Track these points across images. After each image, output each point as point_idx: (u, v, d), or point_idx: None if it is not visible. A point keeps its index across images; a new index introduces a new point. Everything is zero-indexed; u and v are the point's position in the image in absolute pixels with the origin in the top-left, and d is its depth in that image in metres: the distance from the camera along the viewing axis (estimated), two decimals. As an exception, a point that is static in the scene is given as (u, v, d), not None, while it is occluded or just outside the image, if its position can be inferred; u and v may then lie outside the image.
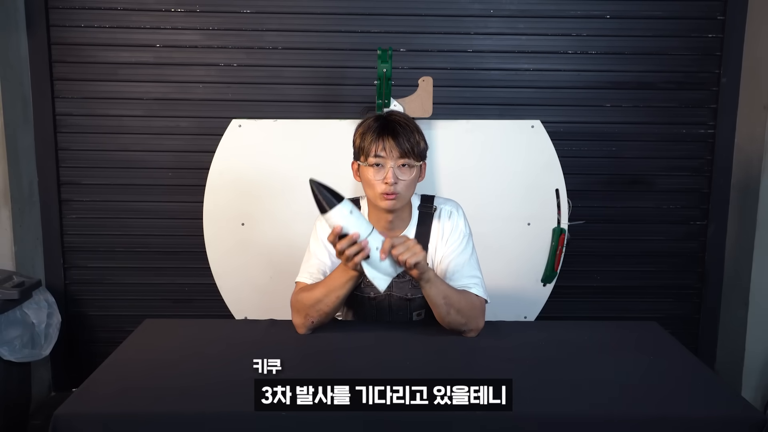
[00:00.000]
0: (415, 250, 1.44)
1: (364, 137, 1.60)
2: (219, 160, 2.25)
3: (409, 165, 1.59)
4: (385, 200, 1.58)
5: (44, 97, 2.64)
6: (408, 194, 1.62)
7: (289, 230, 2.22)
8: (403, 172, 1.58)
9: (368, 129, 1.61)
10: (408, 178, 1.59)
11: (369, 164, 1.59)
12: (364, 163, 1.60)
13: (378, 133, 1.59)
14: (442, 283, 1.54)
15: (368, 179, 1.60)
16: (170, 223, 2.74)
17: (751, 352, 2.61)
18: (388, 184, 1.56)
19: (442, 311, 1.53)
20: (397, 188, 1.57)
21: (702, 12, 2.66)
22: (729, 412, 1.20)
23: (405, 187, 1.59)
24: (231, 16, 2.63)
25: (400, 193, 1.59)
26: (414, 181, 1.62)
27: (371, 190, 1.61)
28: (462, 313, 1.53)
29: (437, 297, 1.51)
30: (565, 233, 2.25)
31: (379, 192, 1.58)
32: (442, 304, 1.52)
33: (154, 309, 2.75)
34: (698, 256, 2.82)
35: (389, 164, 1.57)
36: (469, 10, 2.64)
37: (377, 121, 1.62)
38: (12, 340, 2.27)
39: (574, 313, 2.76)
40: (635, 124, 2.72)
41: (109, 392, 1.24)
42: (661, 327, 1.65)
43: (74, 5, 2.60)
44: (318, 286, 1.56)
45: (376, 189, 1.59)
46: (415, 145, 1.59)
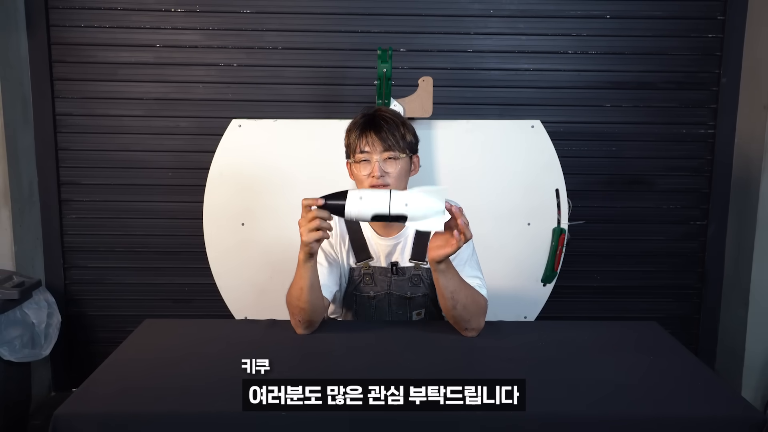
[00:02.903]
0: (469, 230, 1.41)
1: (350, 135, 1.65)
2: (219, 160, 2.25)
3: (394, 158, 1.61)
4: None
5: (44, 97, 2.64)
6: (399, 187, 1.62)
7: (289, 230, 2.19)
8: (389, 164, 1.61)
9: (354, 126, 1.65)
10: (394, 171, 1.61)
11: (357, 161, 1.62)
12: (352, 160, 1.64)
13: (361, 129, 1.62)
14: (457, 275, 1.53)
15: (358, 176, 1.64)
16: (170, 223, 2.74)
17: (751, 352, 2.61)
18: (375, 177, 1.59)
19: (449, 304, 1.51)
20: (385, 181, 1.59)
21: (702, 12, 2.66)
22: (729, 412, 1.20)
23: (394, 180, 1.61)
24: (231, 16, 2.63)
25: (390, 185, 1.60)
26: (403, 174, 1.63)
27: (361, 187, 1.63)
28: (468, 310, 1.52)
29: (448, 289, 1.49)
30: (565, 233, 2.25)
31: (368, 186, 1.60)
32: (451, 297, 1.50)
33: (154, 309, 2.75)
34: (698, 256, 2.82)
35: (375, 158, 1.60)
36: (469, 10, 2.65)
37: (363, 117, 1.66)
38: (12, 340, 2.27)
39: (574, 313, 2.77)
40: (635, 124, 2.72)
41: (109, 392, 1.23)
42: (661, 327, 1.65)
43: (74, 5, 2.61)
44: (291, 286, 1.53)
45: (365, 184, 1.61)
46: (400, 138, 1.61)
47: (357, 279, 1.71)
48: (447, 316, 1.55)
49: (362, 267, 1.71)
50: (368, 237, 1.72)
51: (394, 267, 1.71)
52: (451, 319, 1.54)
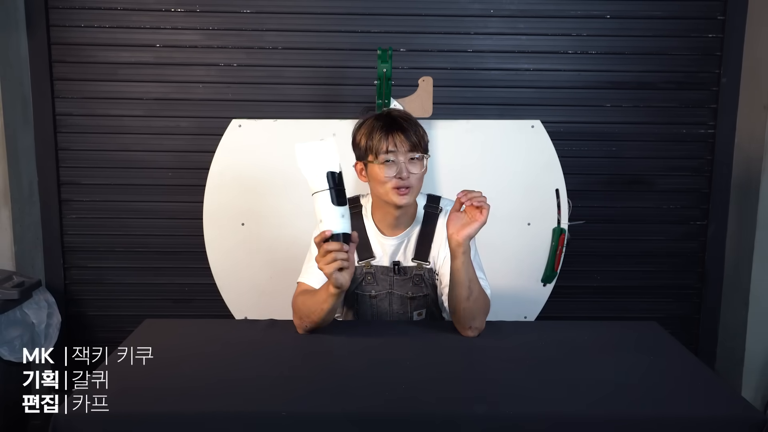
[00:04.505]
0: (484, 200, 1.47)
1: (372, 136, 1.62)
2: (219, 160, 2.25)
3: (418, 158, 1.61)
4: (399, 195, 1.60)
5: (44, 97, 2.64)
6: (419, 187, 1.64)
7: (290, 230, 2.22)
8: (414, 165, 1.61)
9: (374, 128, 1.62)
10: (419, 171, 1.61)
11: (380, 162, 1.60)
12: (375, 161, 1.61)
13: (386, 130, 1.61)
14: (473, 265, 1.54)
15: (379, 177, 1.61)
16: (170, 223, 2.74)
17: (751, 352, 2.61)
18: (403, 179, 1.58)
19: (465, 293, 1.51)
20: (410, 182, 1.60)
21: (702, 12, 2.66)
22: (729, 412, 1.20)
23: (417, 180, 1.62)
24: (231, 16, 2.63)
25: (413, 186, 1.61)
26: (423, 175, 1.64)
27: (382, 188, 1.62)
28: (477, 304, 1.53)
29: (467, 276, 1.50)
30: (565, 233, 2.25)
31: (392, 188, 1.60)
32: (468, 286, 1.51)
33: (154, 309, 2.75)
34: (698, 256, 2.82)
35: (401, 159, 1.59)
36: (469, 10, 2.64)
37: (380, 119, 1.64)
38: (12, 340, 2.27)
39: (574, 313, 2.76)
40: (635, 124, 2.72)
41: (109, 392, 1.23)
42: (661, 327, 1.65)
43: (74, 5, 2.60)
44: (309, 298, 1.55)
45: (388, 185, 1.60)
46: (421, 138, 1.63)
47: (359, 278, 1.71)
48: (457, 308, 1.54)
49: (364, 266, 1.71)
50: (372, 236, 1.72)
51: (396, 266, 1.71)
52: (462, 311, 1.53)
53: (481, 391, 1.26)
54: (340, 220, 1.39)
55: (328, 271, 1.40)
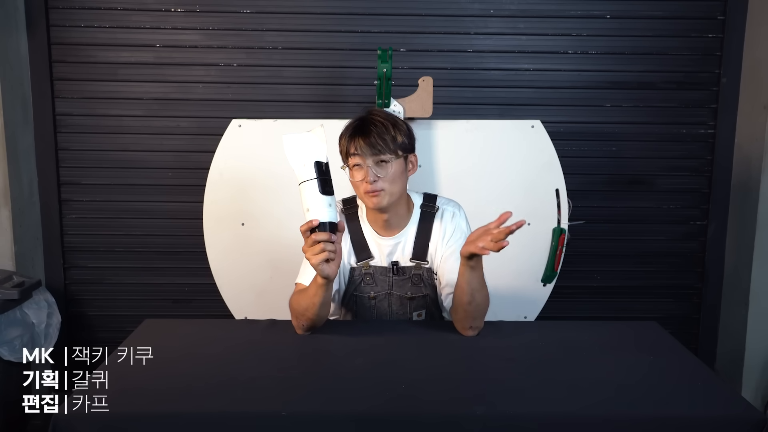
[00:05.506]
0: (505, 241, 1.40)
1: (342, 140, 1.64)
2: (219, 160, 2.25)
3: (385, 161, 1.59)
4: (370, 198, 1.60)
5: (44, 97, 2.64)
6: (395, 189, 1.61)
7: (289, 230, 2.19)
8: (381, 168, 1.59)
9: (346, 131, 1.64)
10: (387, 174, 1.59)
11: (350, 166, 1.62)
12: (345, 166, 1.62)
13: (351, 134, 1.61)
14: (482, 275, 1.52)
15: (352, 181, 1.63)
16: (170, 223, 2.74)
17: (751, 351, 2.61)
18: (368, 183, 1.58)
19: (466, 299, 1.50)
20: (378, 185, 1.58)
21: (702, 12, 2.66)
22: (729, 412, 1.20)
23: (388, 182, 1.59)
24: (231, 16, 2.63)
25: (385, 189, 1.59)
26: (398, 176, 1.61)
27: (357, 191, 1.64)
28: (479, 309, 1.53)
29: (470, 285, 1.49)
30: (565, 233, 2.25)
31: (363, 192, 1.60)
32: (470, 293, 1.49)
33: (154, 309, 2.75)
34: (698, 255, 2.82)
35: (368, 163, 1.58)
36: (469, 10, 2.64)
37: (354, 122, 1.64)
38: (12, 340, 2.27)
39: (574, 313, 2.76)
40: (635, 124, 2.72)
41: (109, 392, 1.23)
42: (661, 327, 1.65)
43: (74, 5, 2.60)
44: (302, 296, 1.54)
45: (360, 189, 1.61)
46: (390, 140, 1.59)
47: (357, 279, 1.71)
48: (458, 309, 1.54)
49: (362, 267, 1.71)
50: (368, 236, 1.72)
51: (394, 267, 1.71)
52: (461, 313, 1.53)
53: (481, 391, 1.26)
54: (327, 209, 1.38)
55: (315, 262, 1.40)
